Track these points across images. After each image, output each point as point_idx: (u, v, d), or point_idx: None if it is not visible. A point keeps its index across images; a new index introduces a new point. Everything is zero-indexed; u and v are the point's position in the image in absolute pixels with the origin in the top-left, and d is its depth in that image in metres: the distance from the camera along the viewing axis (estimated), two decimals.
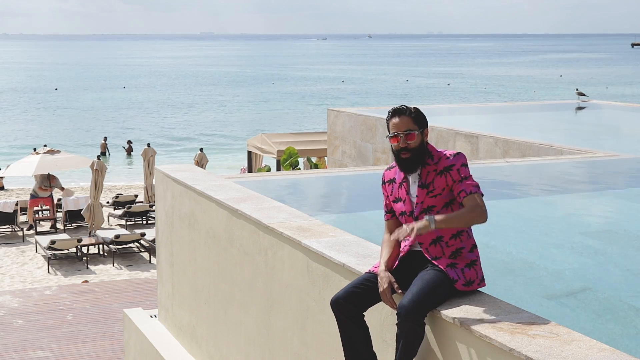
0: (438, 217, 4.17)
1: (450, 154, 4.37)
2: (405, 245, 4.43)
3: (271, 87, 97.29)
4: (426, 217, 4.15)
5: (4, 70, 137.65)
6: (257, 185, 8.47)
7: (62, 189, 24.20)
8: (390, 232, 4.57)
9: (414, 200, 4.40)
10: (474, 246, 4.37)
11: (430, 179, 4.35)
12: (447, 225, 4.19)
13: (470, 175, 4.34)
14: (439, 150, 4.44)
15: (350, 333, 4.33)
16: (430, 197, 4.34)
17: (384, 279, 4.26)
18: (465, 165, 4.35)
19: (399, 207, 4.48)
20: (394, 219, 4.58)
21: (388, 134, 4.44)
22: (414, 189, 4.42)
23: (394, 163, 4.58)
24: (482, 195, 4.31)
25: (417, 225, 4.14)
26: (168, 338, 8.64)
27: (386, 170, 4.65)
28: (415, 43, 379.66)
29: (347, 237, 5.55)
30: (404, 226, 4.19)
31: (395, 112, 4.43)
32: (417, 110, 4.44)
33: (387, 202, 4.60)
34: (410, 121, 4.38)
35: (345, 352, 4.40)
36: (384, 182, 4.61)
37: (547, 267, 6.31)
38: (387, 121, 4.45)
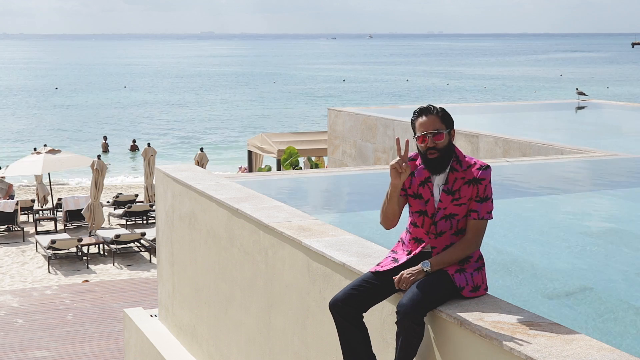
0: (434, 262, 4.22)
1: (480, 165, 4.32)
2: (418, 247, 4.41)
3: (272, 87, 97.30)
4: (422, 265, 4.20)
5: (5, 69, 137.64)
6: (257, 184, 8.47)
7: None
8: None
9: (436, 204, 4.34)
10: (480, 256, 4.37)
11: (457, 186, 4.29)
12: (444, 265, 4.24)
13: (491, 197, 4.33)
14: (467, 156, 4.38)
15: (349, 335, 4.31)
16: (455, 204, 4.30)
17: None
18: (490, 182, 4.34)
19: (417, 204, 4.40)
20: (403, 197, 4.49)
21: (414, 134, 4.36)
22: (436, 192, 4.35)
23: (413, 154, 4.48)
24: (492, 218, 4.33)
25: (413, 277, 4.18)
26: (168, 338, 8.64)
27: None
28: (416, 43, 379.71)
29: (348, 236, 5.54)
30: (404, 274, 4.21)
31: (422, 112, 4.36)
32: (443, 110, 4.38)
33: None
34: (437, 120, 4.32)
35: (344, 354, 4.39)
36: None
37: (547, 266, 6.31)
38: (413, 121, 4.38)
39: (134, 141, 46.02)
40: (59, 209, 24.31)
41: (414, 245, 4.42)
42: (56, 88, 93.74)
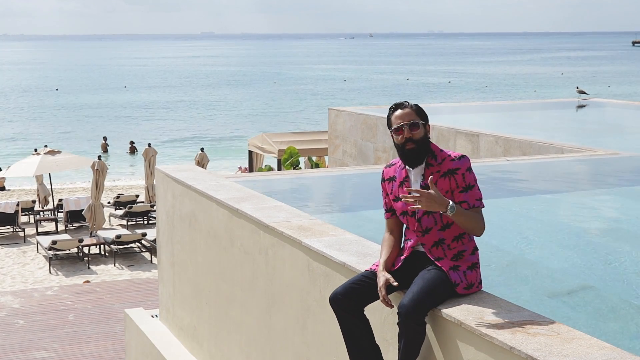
0: (459, 208, 4.13)
1: (455, 156, 4.33)
2: (409, 247, 4.43)
3: (272, 87, 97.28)
4: (450, 202, 4.10)
5: (5, 70, 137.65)
6: (257, 184, 8.47)
7: None
8: (391, 230, 4.56)
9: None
10: (475, 248, 4.37)
11: (434, 180, 4.31)
12: (459, 219, 4.15)
13: (476, 185, 4.31)
14: (442, 150, 4.40)
15: (351, 327, 4.32)
16: None
17: (381, 278, 4.27)
18: (470, 170, 4.31)
19: (399, 205, 4.45)
20: (394, 218, 4.56)
21: (390, 129, 4.41)
22: (415, 188, 4.37)
23: (394, 160, 4.56)
24: (483, 206, 4.31)
25: (435, 196, 4.06)
26: (169, 338, 8.64)
27: (386, 167, 4.61)
28: (416, 42, 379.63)
29: (348, 236, 5.54)
30: (419, 194, 4.08)
31: (397, 106, 4.44)
32: (417, 105, 4.47)
33: (387, 200, 4.57)
34: (412, 113, 4.38)
35: (347, 347, 4.39)
36: (383, 180, 4.58)
37: (547, 265, 6.30)
38: (389, 117, 4.43)
39: (132, 142, 45.96)
40: (59, 210, 24.31)
41: (409, 249, 4.45)
42: (57, 89, 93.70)
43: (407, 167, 4.42)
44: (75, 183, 34.26)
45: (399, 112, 4.40)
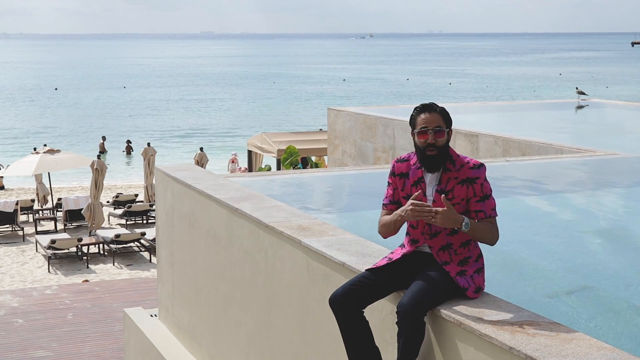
0: (473, 224, 4.16)
1: (473, 164, 4.31)
2: (411, 244, 4.41)
3: (272, 86, 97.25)
4: (465, 219, 4.13)
5: (4, 69, 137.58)
6: (257, 184, 8.47)
7: None
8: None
9: (430, 204, 4.30)
10: (480, 255, 4.38)
11: (451, 186, 4.28)
12: (474, 234, 4.20)
13: (491, 195, 4.32)
14: (459, 155, 4.37)
15: (351, 329, 4.31)
16: None
17: (407, 205, 4.24)
18: (487, 179, 4.32)
19: None
20: (397, 208, 4.49)
21: (413, 129, 4.35)
22: (429, 191, 4.33)
23: (405, 155, 4.48)
24: (497, 215, 4.33)
25: (451, 213, 4.09)
26: (168, 337, 8.63)
27: (397, 162, 4.50)
28: (416, 42, 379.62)
29: (347, 236, 5.54)
30: (433, 210, 4.11)
31: (425, 108, 4.36)
32: (445, 109, 4.40)
33: (393, 193, 4.49)
34: (440, 118, 4.32)
35: (347, 349, 4.38)
36: (394, 174, 4.48)
37: (547, 265, 6.30)
38: (414, 117, 4.36)
39: (129, 142, 45.84)
40: (59, 209, 24.30)
41: (411, 247, 4.43)
42: (56, 88, 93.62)
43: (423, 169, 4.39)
44: (76, 182, 34.23)
45: (426, 115, 4.33)
